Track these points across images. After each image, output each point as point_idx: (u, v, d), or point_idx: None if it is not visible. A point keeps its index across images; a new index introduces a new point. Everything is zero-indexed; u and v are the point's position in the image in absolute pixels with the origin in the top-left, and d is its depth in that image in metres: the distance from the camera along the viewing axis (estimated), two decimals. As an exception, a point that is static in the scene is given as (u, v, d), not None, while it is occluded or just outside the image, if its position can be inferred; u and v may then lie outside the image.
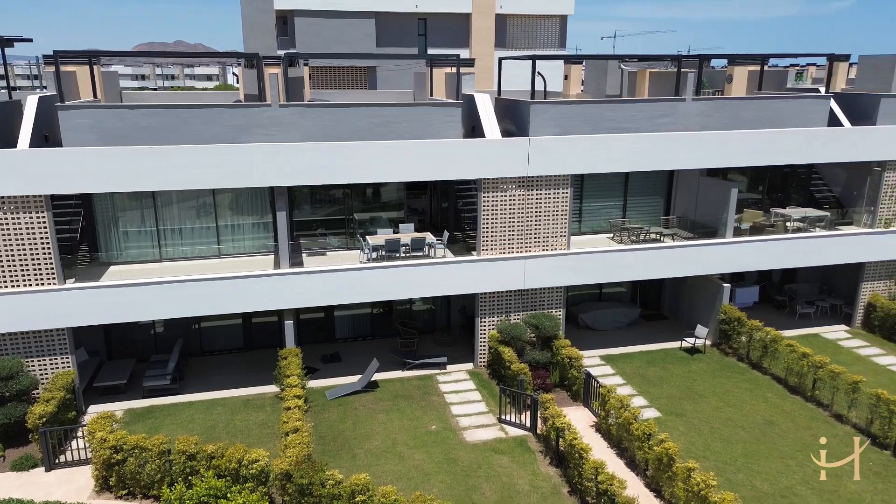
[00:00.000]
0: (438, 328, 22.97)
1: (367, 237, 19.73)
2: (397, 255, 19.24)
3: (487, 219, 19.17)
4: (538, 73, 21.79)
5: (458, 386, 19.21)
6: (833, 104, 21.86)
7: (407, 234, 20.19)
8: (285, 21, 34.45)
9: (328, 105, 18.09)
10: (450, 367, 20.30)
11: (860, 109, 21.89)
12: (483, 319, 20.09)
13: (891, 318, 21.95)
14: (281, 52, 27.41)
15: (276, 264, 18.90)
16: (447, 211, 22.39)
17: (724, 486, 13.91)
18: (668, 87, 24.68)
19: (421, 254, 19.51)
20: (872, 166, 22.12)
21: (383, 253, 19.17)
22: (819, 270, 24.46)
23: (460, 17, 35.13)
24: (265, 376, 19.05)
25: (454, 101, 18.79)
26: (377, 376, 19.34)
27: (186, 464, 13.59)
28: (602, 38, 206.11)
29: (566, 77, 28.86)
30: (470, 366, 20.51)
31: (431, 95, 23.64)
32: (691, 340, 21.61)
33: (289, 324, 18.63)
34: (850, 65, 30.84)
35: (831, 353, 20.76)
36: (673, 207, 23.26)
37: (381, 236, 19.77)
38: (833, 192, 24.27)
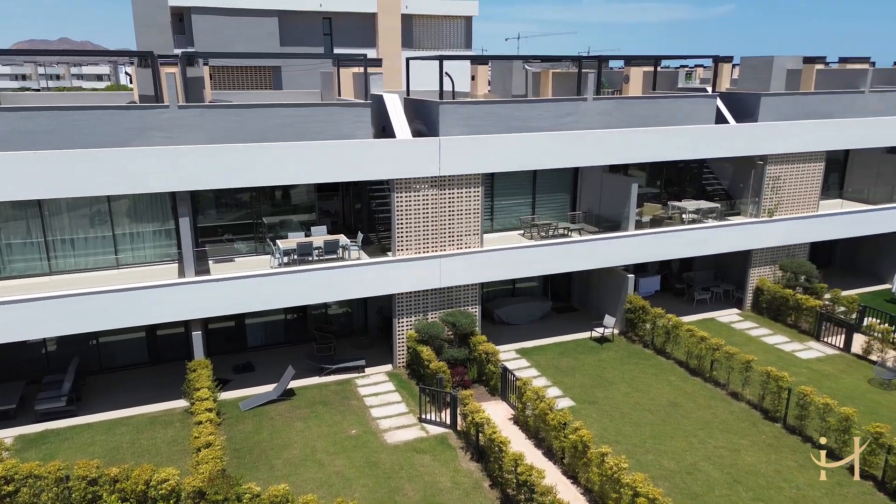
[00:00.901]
0: (356, 331, 22.71)
1: (277, 241, 19.20)
2: (310, 258, 18.84)
3: (401, 219, 19.15)
4: (446, 73, 21.99)
5: (378, 388, 19.07)
6: (719, 103, 23.42)
7: (319, 236, 19.81)
8: (181, 18, 32.92)
9: (232, 106, 17.46)
10: (368, 370, 20.12)
11: (743, 107, 23.57)
12: (401, 320, 20.05)
13: (776, 300, 23.81)
14: (178, 51, 26.17)
15: (181, 273, 18.03)
16: (360, 212, 22.17)
17: (634, 467, 14.58)
18: (570, 87, 25.59)
19: (335, 256, 19.21)
20: (756, 160, 23.88)
21: (295, 257, 18.72)
22: (713, 258, 26.12)
23: (366, 17, 34.89)
24: (173, 391, 18.12)
25: (363, 102, 18.62)
26: (293, 384, 18.86)
27: (87, 490, 12.71)
28: (507, 40, 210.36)
29: (473, 77, 29.31)
30: (389, 367, 20.41)
31: (339, 95, 23.35)
32: (600, 330, 22.54)
33: (197, 334, 17.82)
34: (733, 66, 33.18)
35: (726, 335, 22.25)
36: (579, 203, 24.14)
37: (293, 240, 19.29)
38: (722, 184, 26.01)
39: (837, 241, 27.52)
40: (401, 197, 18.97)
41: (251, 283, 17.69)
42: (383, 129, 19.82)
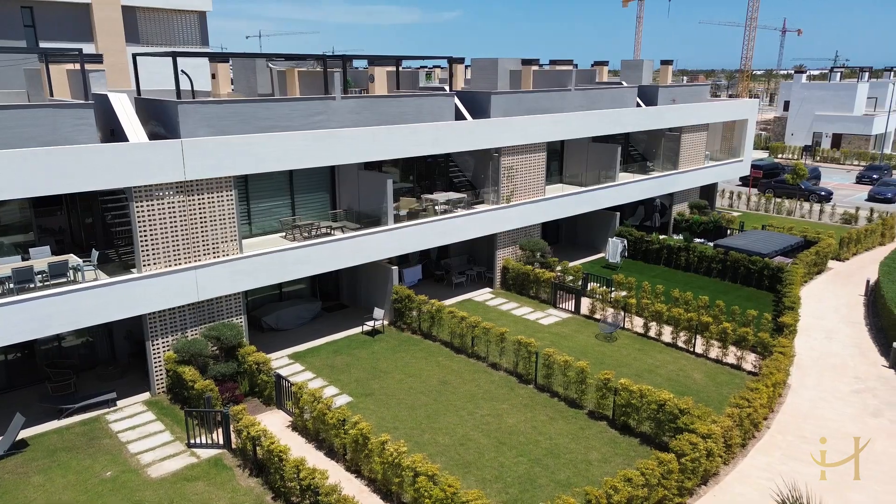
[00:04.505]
0: (101, 361, 20.08)
1: (-15, 270, 16.09)
2: (32, 285, 16.15)
3: (145, 231, 17.37)
4: (182, 71, 20.41)
5: (135, 420, 17.15)
6: (457, 101, 25.40)
7: (42, 259, 17.07)
8: None
9: None
10: (121, 402, 17.97)
11: (477, 105, 25.89)
12: (155, 342, 18.24)
13: (520, 276, 26.72)
14: None
15: None
16: (93, 227, 19.60)
17: (413, 449, 15.28)
18: (317, 86, 25.56)
19: (64, 280, 16.73)
20: (492, 153, 26.44)
21: (12, 286, 15.89)
22: (465, 244, 28.36)
23: (77, 7, 30.69)
24: None
25: (84, 102, 16.45)
26: (25, 433, 16.07)
27: None
28: (247, 37, 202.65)
29: (214, 76, 27.67)
30: (146, 395, 18.47)
31: (52, 95, 20.32)
32: (371, 323, 23.08)
33: None
34: (466, 67, 36.20)
35: (482, 312, 24.37)
36: (338, 201, 24.34)
37: (6, 265, 16.33)
38: (467, 176, 28.32)
39: (562, 219, 31.75)
40: (142, 206, 17.19)
41: (-48, 324, 14.58)
42: (112, 132, 17.74)
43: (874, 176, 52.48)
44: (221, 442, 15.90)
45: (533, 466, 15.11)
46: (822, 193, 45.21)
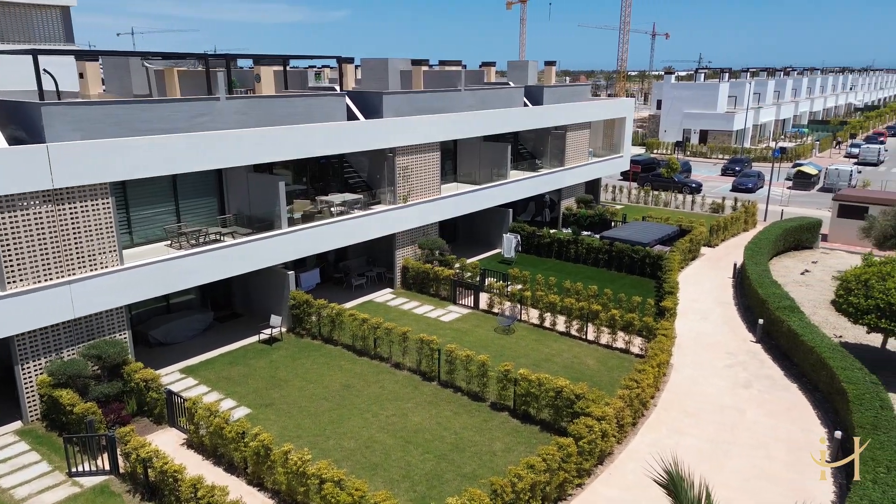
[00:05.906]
0: (-39, 392, 18.12)
1: None
2: None
3: (7, 245, 15.83)
4: (44, 70, 18.77)
5: (5, 452, 15.63)
6: (349, 101, 25.13)
7: None
8: None
9: None
10: (-12, 435, 16.32)
11: (369, 105, 25.75)
12: (26, 365, 16.69)
13: (420, 275, 26.89)
14: None
15: None
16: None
17: (318, 456, 14.99)
18: (199, 87, 24.41)
19: (-88, 304, 14.94)
20: (386, 153, 26.40)
21: None
22: (364, 245, 28.12)
23: (-84, -3, 27.43)
24: None
25: (-73, 104, 14.75)
26: None
27: None
28: (119, 35, 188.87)
29: (82, 75, 25.71)
30: (18, 424, 16.87)
31: None
32: (268, 331, 22.37)
33: None
34: (356, 67, 35.90)
35: (383, 313, 24.30)
36: (227, 206, 23.36)
37: None
38: (362, 176, 28.09)
39: (458, 217, 32.29)
40: (2, 218, 15.66)
41: None
42: (-36, 137, 16.04)
43: (736, 168, 57.51)
44: (108, 468, 14.83)
45: (439, 462, 15.28)
46: (693, 185, 48.89)
